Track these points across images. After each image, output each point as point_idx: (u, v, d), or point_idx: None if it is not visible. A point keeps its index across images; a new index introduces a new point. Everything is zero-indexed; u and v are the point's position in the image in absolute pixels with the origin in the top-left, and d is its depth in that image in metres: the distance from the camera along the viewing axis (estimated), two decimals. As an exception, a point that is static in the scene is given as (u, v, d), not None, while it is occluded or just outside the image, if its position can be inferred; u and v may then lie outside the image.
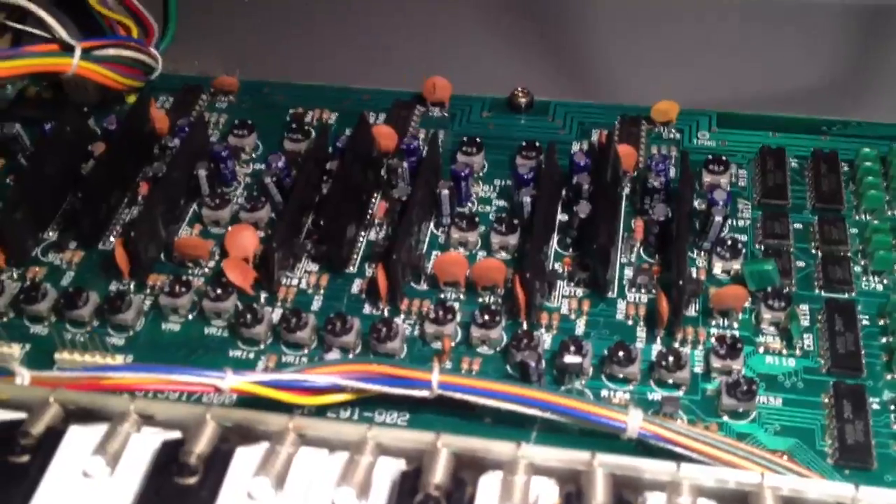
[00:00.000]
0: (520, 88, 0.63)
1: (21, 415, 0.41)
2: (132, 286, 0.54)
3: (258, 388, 0.45)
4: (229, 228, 0.56)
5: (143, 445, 0.40)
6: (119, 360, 0.50)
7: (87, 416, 0.41)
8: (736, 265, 0.52)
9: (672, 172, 0.57)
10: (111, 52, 0.61)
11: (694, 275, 0.53)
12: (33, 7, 0.61)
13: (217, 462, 0.39)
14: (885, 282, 0.52)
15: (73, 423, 0.40)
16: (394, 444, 0.40)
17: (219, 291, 0.52)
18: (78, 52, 0.59)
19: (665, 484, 0.38)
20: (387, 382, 0.46)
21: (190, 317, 0.53)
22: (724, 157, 0.57)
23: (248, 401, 0.45)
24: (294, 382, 0.45)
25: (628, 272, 0.53)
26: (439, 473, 0.38)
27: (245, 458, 0.39)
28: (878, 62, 0.64)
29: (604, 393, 0.49)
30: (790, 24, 0.65)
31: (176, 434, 0.41)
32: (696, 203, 0.56)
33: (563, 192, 0.57)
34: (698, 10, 0.66)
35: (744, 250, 0.53)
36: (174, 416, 0.41)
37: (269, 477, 0.38)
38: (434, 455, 0.38)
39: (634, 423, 0.43)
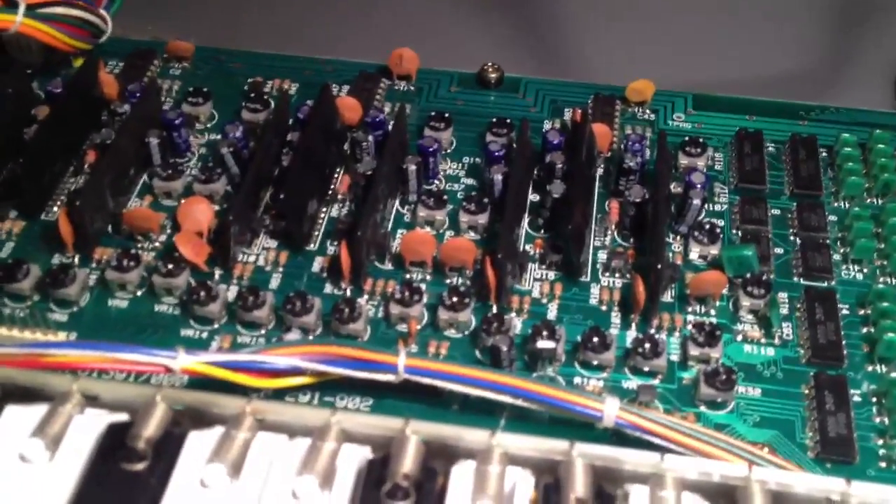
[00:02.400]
0: (490, 64, 0.61)
1: (-48, 393, 0.38)
2: (77, 259, 0.51)
3: (212, 369, 0.42)
4: (182, 201, 0.53)
5: (87, 428, 0.37)
6: (62, 336, 0.47)
7: (25, 395, 0.38)
8: (713, 250, 0.51)
9: (648, 154, 0.55)
10: (58, 10, 0.57)
11: (670, 260, 0.51)
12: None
13: (168, 447, 0.36)
14: (865, 270, 0.50)
15: (10, 403, 0.37)
16: (359, 430, 0.37)
17: (170, 266, 0.49)
18: (22, 8, 0.55)
19: (648, 476, 0.36)
20: (350, 365, 0.43)
21: (139, 293, 0.50)
22: (701, 139, 0.55)
23: (201, 383, 0.42)
24: (251, 363, 0.42)
25: (602, 255, 0.51)
26: (408, 462, 0.35)
27: (198, 443, 0.36)
28: (857, 49, 0.63)
29: (577, 380, 0.46)
30: (770, 7, 0.64)
31: (123, 416, 0.38)
32: (671, 186, 0.54)
33: (536, 172, 0.55)
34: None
35: (721, 235, 0.51)
36: (121, 396, 0.38)
37: (224, 464, 0.35)
38: (403, 442, 0.36)
39: (611, 411, 0.41)
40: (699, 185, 0.51)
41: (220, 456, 0.35)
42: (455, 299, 0.48)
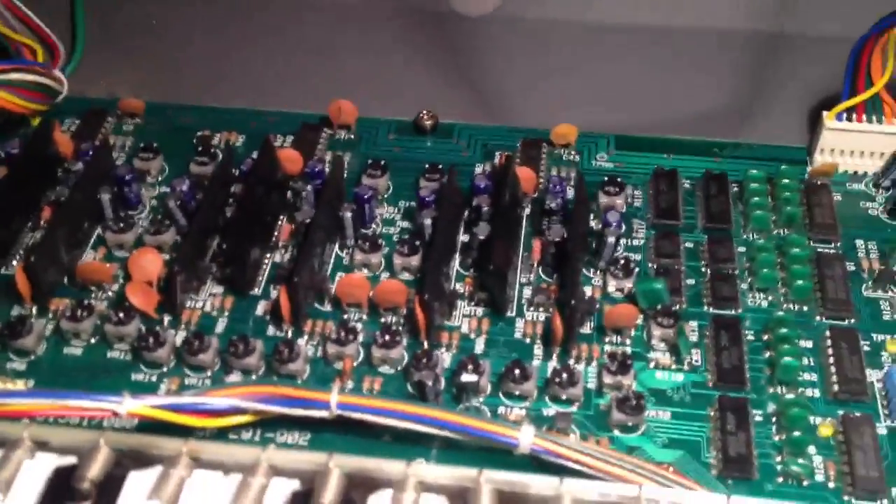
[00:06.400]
0: (425, 111, 0.65)
1: (-88, 443, 0.41)
2: (34, 310, 0.54)
3: (156, 411, 0.45)
4: (133, 252, 0.56)
5: (37, 472, 0.40)
6: (20, 384, 0.50)
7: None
8: (628, 284, 0.54)
9: (570, 194, 0.59)
10: (14, 76, 0.61)
11: (589, 293, 0.54)
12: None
13: (109, 487, 0.39)
14: (769, 299, 0.54)
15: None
16: (288, 465, 0.40)
17: (121, 315, 0.52)
18: (-22, 77, 0.59)
19: (549, 499, 0.39)
20: (287, 403, 0.46)
21: (92, 341, 0.53)
22: (619, 179, 0.59)
23: (151, 426, 0.45)
24: (193, 405, 0.46)
25: (527, 292, 0.55)
26: (329, 493, 0.39)
27: (138, 482, 0.39)
28: (769, 87, 0.67)
29: (501, 410, 0.50)
30: (686, 50, 0.68)
31: (71, 460, 0.41)
32: (592, 224, 0.58)
33: (466, 214, 0.59)
34: (599, 37, 0.69)
35: (637, 269, 0.55)
36: (69, 441, 0.41)
37: (161, 500, 0.38)
38: (325, 475, 0.39)
39: (526, 439, 0.44)
40: (614, 224, 0.55)
41: (157, 493, 0.38)
42: (387, 337, 0.51)
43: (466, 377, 0.49)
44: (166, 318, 0.54)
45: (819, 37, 0.67)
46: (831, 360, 0.50)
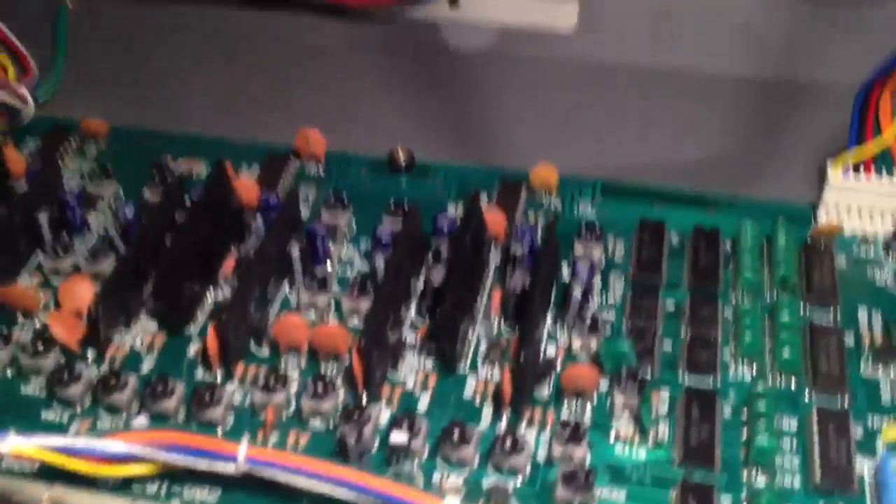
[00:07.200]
0: (400, 147, 0.60)
1: None
2: (-49, 339, 0.50)
3: (45, 453, 0.41)
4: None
5: None
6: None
7: None
8: (594, 344, 0.49)
9: (540, 241, 0.53)
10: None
11: (552, 352, 0.49)
12: None
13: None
14: (754, 370, 0.48)
15: None
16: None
17: (40, 347, 0.48)
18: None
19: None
20: (191, 453, 0.42)
21: (8, 374, 0.49)
22: (598, 227, 0.54)
23: (55, 472, 0.41)
24: (87, 449, 0.41)
25: (485, 346, 0.50)
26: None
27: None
28: (772, 137, 0.62)
29: (436, 477, 0.44)
30: (682, 96, 0.63)
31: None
32: (565, 275, 0.53)
33: (430, 258, 0.54)
34: (588, 78, 0.64)
35: (606, 328, 0.49)
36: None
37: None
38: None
39: (449, 512, 0.39)
40: (583, 275, 0.49)
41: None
42: (319, 387, 0.46)
43: (395, 437, 0.44)
44: (90, 354, 0.50)
45: (829, 82, 0.61)
46: (816, 443, 0.44)
